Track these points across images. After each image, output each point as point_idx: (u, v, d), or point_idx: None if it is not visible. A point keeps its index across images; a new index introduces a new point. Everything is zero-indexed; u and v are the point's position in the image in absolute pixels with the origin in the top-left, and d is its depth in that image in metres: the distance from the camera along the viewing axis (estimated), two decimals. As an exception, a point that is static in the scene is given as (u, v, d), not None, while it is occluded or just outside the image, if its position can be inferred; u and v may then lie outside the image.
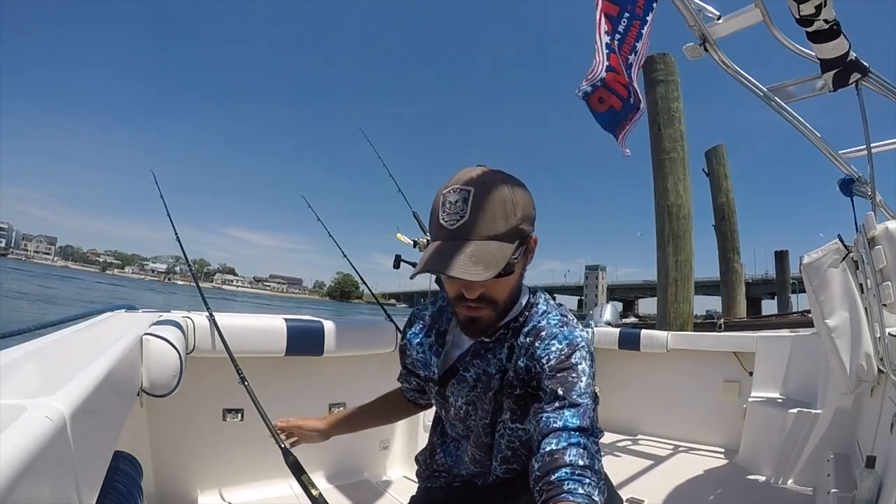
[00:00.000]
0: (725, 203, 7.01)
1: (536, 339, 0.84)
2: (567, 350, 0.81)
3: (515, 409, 0.86)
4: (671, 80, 4.43)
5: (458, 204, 0.77)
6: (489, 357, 0.90)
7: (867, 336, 1.79)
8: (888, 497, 1.34)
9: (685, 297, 4.22)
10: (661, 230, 4.34)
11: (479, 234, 0.76)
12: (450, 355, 0.96)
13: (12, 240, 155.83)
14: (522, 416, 0.85)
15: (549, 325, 0.85)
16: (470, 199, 0.76)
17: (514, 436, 0.89)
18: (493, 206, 0.77)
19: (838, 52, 1.73)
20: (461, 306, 0.84)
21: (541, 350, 0.82)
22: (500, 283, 0.82)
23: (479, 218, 0.76)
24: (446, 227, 0.77)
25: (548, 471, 0.70)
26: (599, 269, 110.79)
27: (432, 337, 0.98)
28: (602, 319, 3.65)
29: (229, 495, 1.80)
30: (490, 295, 0.82)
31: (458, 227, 0.76)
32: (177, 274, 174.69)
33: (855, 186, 2.24)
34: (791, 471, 2.27)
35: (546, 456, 0.71)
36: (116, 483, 0.75)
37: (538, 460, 0.72)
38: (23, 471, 0.37)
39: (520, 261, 0.84)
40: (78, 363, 0.68)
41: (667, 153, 4.35)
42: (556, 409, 0.75)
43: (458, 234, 0.76)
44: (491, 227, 0.76)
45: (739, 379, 2.93)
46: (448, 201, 0.78)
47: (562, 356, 0.81)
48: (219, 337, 1.61)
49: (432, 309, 1.02)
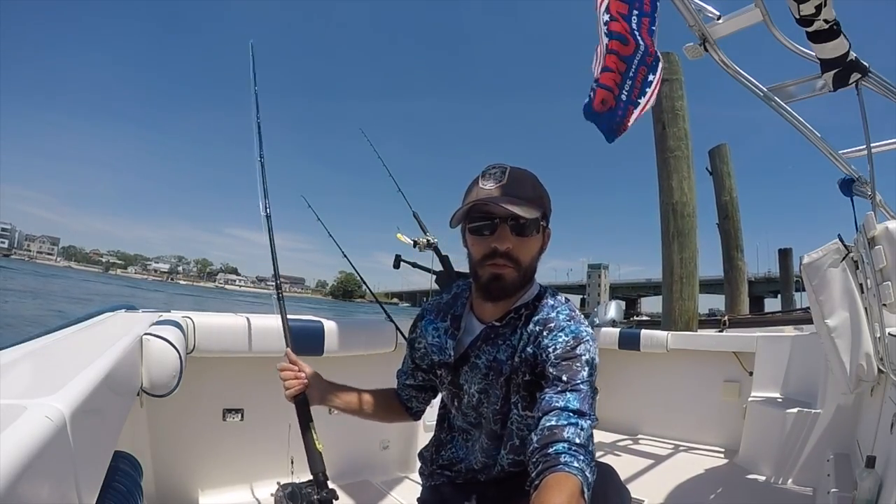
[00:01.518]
0: (729, 201, 7.00)
1: (545, 330, 0.91)
2: (573, 342, 0.88)
3: (526, 395, 0.92)
4: (675, 78, 4.43)
5: (497, 174, 0.92)
6: (499, 343, 0.95)
7: (867, 336, 1.79)
8: (888, 497, 1.34)
9: (690, 294, 4.22)
10: (666, 228, 4.33)
11: (515, 193, 0.89)
12: (462, 342, 1.01)
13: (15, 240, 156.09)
14: (531, 404, 0.90)
15: (558, 319, 0.93)
16: (507, 172, 0.92)
17: (523, 423, 0.94)
18: (524, 180, 0.92)
19: (838, 52, 1.73)
20: (488, 264, 0.92)
21: (548, 340, 0.89)
22: (526, 245, 0.92)
23: (515, 185, 0.91)
24: (486, 189, 0.91)
25: (546, 444, 0.76)
26: (602, 267, 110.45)
27: (448, 321, 1.04)
28: (607, 317, 3.61)
29: (229, 495, 1.80)
30: (516, 254, 0.91)
31: (497, 188, 0.90)
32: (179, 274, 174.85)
33: (855, 186, 2.23)
34: (791, 471, 2.27)
35: (546, 430, 0.78)
36: (116, 483, 0.75)
37: (538, 434, 0.79)
38: (23, 470, 0.38)
39: (539, 237, 0.94)
40: (78, 363, 0.68)
41: (671, 151, 4.35)
42: (558, 391, 0.83)
43: (497, 191, 0.90)
44: (523, 192, 0.90)
45: (739, 379, 2.92)
46: (488, 173, 0.92)
47: (567, 347, 0.87)
48: (219, 337, 1.61)
49: (447, 296, 1.08)
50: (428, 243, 2.29)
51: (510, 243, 0.90)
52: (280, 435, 1.92)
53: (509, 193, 0.89)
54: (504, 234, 0.89)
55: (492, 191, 0.90)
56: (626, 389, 3.15)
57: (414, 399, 1.15)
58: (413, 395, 1.15)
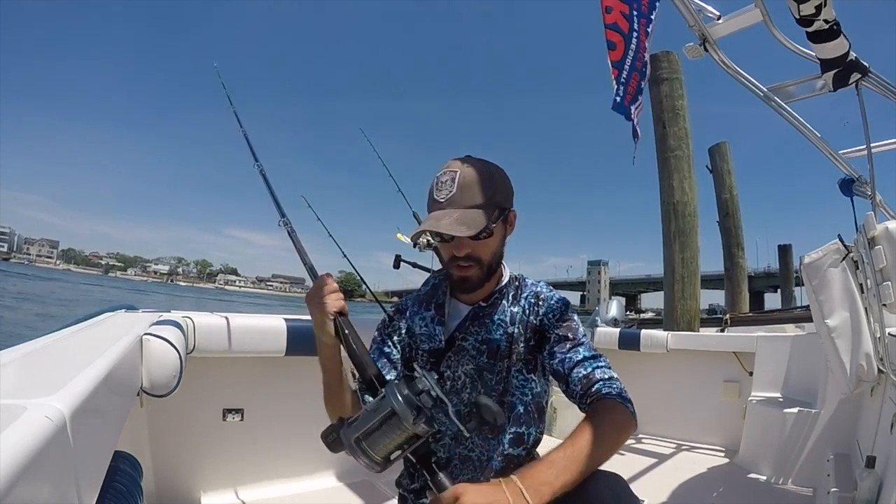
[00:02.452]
0: (729, 199, 7.01)
1: (538, 300, 1.06)
2: (563, 307, 1.05)
3: (530, 358, 1.03)
4: (675, 78, 4.42)
5: (447, 182, 0.98)
6: (487, 322, 1.04)
7: (867, 336, 1.79)
8: (888, 497, 1.35)
9: (692, 293, 4.22)
10: (667, 227, 4.33)
11: (464, 203, 0.96)
12: (449, 327, 1.05)
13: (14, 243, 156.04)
14: (533, 366, 1.03)
15: (544, 290, 1.09)
16: (457, 178, 0.97)
17: (527, 388, 1.02)
18: (474, 183, 0.97)
19: (838, 52, 1.73)
20: (454, 266, 1.01)
21: (545, 308, 1.04)
22: (484, 245, 0.99)
23: (465, 193, 0.96)
24: (439, 201, 0.97)
25: (587, 388, 0.94)
26: (601, 264, 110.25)
27: (432, 310, 1.09)
28: (608, 316, 3.58)
29: (229, 495, 1.80)
30: (476, 254, 0.99)
31: (447, 200, 0.96)
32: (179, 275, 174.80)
33: (855, 186, 2.23)
34: (791, 471, 2.27)
35: (582, 380, 0.95)
36: (116, 483, 0.75)
37: (576, 384, 0.95)
38: (23, 471, 0.37)
39: (499, 228, 1.01)
40: (78, 363, 0.68)
41: (672, 151, 4.34)
42: (569, 349, 0.99)
43: (447, 205, 0.96)
44: (472, 198, 0.96)
45: (739, 379, 2.93)
46: (440, 181, 0.99)
47: (561, 310, 1.04)
48: (219, 337, 1.61)
49: (425, 288, 1.14)
50: (428, 243, 2.28)
51: (468, 248, 0.98)
52: (280, 435, 1.92)
53: (459, 204, 0.96)
54: (461, 242, 0.97)
55: (442, 206, 0.96)
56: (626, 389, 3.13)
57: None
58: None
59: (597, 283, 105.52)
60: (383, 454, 0.78)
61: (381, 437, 0.77)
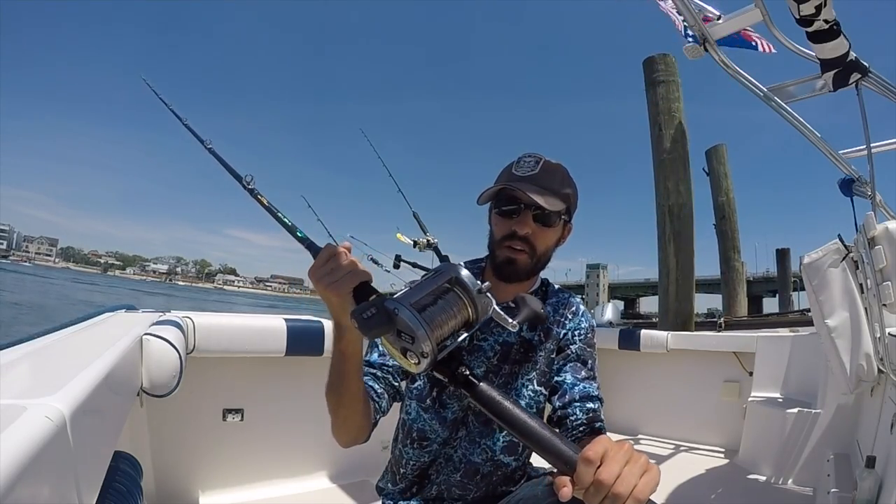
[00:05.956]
0: (726, 202, 7.01)
1: (568, 313, 1.05)
2: (591, 333, 1.05)
3: (546, 371, 1.01)
4: (672, 80, 4.43)
5: (530, 162, 0.97)
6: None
7: (867, 336, 1.79)
8: (888, 497, 1.35)
9: (687, 296, 4.21)
10: (663, 230, 4.33)
11: (543, 185, 0.95)
12: None
13: (13, 241, 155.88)
14: (546, 380, 1.01)
15: (577, 305, 1.07)
16: (541, 162, 0.97)
17: (533, 400, 0.99)
18: (555, 173, 0.98)
19: (838, 52, 1.73)
20: (506, 245, 0.97)
21: (573, 323, 1.04)
22: (543, 234, 0.97)
23: (545, 176, 0.96)
24: (517, 174, 0.96)
25: (591, 423, 0.94)
26: (600, 267, 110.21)
27: None
28: (604, 319, 3.64)
29: (229, 495, 1.80)
30: (534, 240, 0.97)
31: (528, 176, 0.95)
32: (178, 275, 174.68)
33: (855, 186, 2.23)
34: (791, 471, 2.27)
35: (589, 412, 0.95)
36: (116, 483, 0.75)
37: (583, 412, 0.95)
38: (23, 471, 0.37)
39: (560, 227, 1.01)
40: (78, 363, 0.68)
41: (668, 153, 4.35)
42: (584, 378, 0.99)
43: (528, 180, 0.95)
44: (552, 184, 0.96)
45: (739, 379, 2.92)
46: (522, 160, 0.98)
47: (590, 334, 1.04)
48: (219, 337, 1.61)
49: None
50: (428, 243, 2.29)
51: (530, 229, 0.95)
52: (280, 435, 1.92)
53: (538, 183, 0.94)
54: (525, 220, 0.95)
55: (522, 178, 0.95)
56: (625, 389, 3.15)
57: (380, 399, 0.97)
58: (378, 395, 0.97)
59: (595, 287, 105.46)
60: (438, 339, 0.62)
61: (435, 315, 0.62)
